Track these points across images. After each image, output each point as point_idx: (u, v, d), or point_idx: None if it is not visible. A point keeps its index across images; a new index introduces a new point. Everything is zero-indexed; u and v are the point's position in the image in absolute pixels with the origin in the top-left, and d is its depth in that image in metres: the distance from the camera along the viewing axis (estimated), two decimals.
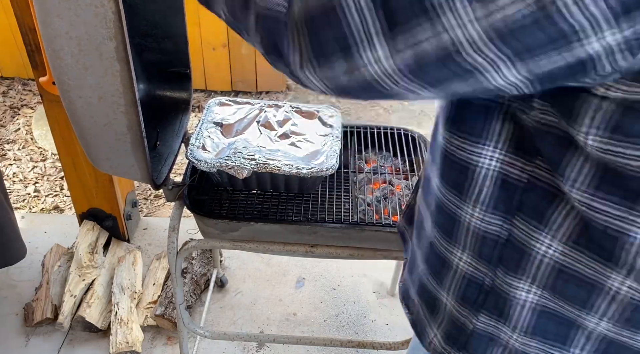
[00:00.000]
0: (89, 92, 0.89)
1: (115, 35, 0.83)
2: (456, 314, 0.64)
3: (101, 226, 1.85)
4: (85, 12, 0.81)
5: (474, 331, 0.63)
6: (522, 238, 0.54)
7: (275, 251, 1.16)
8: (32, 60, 1.46)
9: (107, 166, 1.02)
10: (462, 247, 0.59)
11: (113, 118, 0.93)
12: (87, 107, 0.91)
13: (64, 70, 0.87)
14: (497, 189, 0.53)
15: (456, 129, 0.55)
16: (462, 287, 0.62)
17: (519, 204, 0.53)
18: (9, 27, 2.77)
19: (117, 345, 1.53)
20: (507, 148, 0.52)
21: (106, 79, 0.88)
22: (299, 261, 1.92)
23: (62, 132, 1.61)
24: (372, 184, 1.25)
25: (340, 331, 1.70)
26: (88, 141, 0.98)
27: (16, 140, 2.60)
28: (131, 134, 0.96)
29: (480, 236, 0.57)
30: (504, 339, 0.62)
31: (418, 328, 0.73)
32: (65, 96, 0.90)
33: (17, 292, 1.75)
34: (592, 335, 0.56)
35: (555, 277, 0.54)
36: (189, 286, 1.69)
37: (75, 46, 0.84)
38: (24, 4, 1.33)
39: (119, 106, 0.91)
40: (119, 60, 0.86)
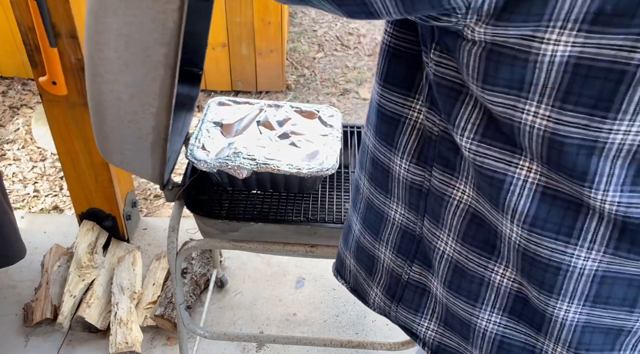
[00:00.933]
0: (123, 88, 0.88)
1: (169, 42, 0.82)
2: (393, 266, 0.68)
3: (101, 226, 1.85)
4: (144, 15, 0.80)
5: (408, 282, 0.67)
6: (439, 187, 0.58)
7: (275, 251, 1.16)
8: (31, 60, 1.45)
9: (118, 160, 1.00)
10: (396, 199, 0.63)
11: (141, 117, 0.92)
12: (116, 101, 0.90)
13: (103, 63, 0.86)
14: (419, 140, 0.58)
15: (388, 83, 0.59)
16: (397, 239, 0.65)
17: (434, 156, 0.57)
18: (9, 27, 2.76)
19: (116, 345, 1.52)
20: (426, 102, 0.56)
21: (145, 81, 0.87)
22: (299, 261, 1.92)
23: (62, 132, 1.61)
24: None
25: (340, 331, 1.70)
26: (106, 133, 0.96)
27: (15, 140, 2.60)
28: (154, 135, 0.95)
29: (408, 186, 0.61)
30: (432, 291, 0.65)
31: (360, 292, 0.76)
32: (96, 87, 0.89)
33: (17, 292, 1.75)
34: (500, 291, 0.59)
35: (467, 224, 0.57)
36: (188, 286, 1.68)
37: (122, 44, 0.83)
38: (23, 4, 1.33)
39: (151, 107, 0.90)
40: (165, 66, 0.85)
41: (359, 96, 3.09)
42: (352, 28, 3.76)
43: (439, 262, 0.62)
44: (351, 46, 3.56)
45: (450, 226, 0.59)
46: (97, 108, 0.93)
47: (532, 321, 0.58)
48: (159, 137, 0.95)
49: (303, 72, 3.27)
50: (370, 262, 0.71)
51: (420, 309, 0.68)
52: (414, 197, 0.61)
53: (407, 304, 0.69)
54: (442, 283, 0.62)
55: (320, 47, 3.53)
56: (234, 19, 2.69)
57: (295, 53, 3.43)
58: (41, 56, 1.42)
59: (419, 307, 0.68)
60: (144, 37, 0.82)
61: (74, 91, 1.51)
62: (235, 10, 2.66)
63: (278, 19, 2.69)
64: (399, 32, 0.57)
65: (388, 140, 0.61)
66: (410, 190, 0.61)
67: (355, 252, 0.74)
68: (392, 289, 0.70)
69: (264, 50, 2.82)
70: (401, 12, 0.45)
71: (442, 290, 0.63)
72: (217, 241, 1.16)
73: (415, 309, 0.68)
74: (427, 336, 0.69)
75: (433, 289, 0.65)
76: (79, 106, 1.55)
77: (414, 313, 0.69)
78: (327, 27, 3.76)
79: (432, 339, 0.68)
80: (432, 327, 0.68)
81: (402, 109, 0.58)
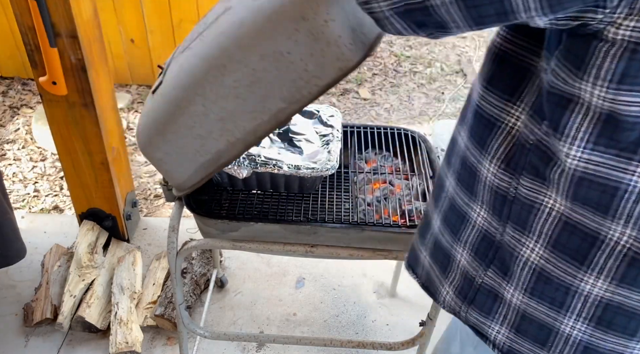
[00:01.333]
0: (217, 109, 0.87)
1: (291, 104, 0.84)
2: (468, 268, 0.68)
3: (101, 226, 1.85)
4: (288, 72, 0.81)
5: (481, 285, 0.67)
6: (528, 196, 0.58)
7: (275, 251, 1.16)
8: (31, 60, 1.45)
9: (157, 156, 0.97)
10: (480, 203, 0.63)
11: (213, 138, 0.91)
12: (200, 115, 0.88)
13: (213, 82, 0.85)
14: (512, 147, 0.58)
15: (492, 86, 0.59)
16: (476, 242, 0.65)
17: (524, 164, 0.57)
18: (9, 27, 2.77)
19: (116, 345, 1.52)
20: (529, 109, 0.56)
21: (244, 116, 0.87)
22: (299, 261, 1.92)
23: (62, 132, 1.61)
24: (372, 184, 1.25)
25: (340, 331, 1.70)
26: (165, 131, 0.93)
27: (16, 140, 2.60)
28: (214, 157, 0.94)
29: (494, 191, 0.61)
30: (505, 297, 0.65)
31: (430, 288, 0.77)
32: (188, 94, 0.87)
33: (17, 292, 1.75)
34: (588, 300, 0.58)
35: (559, 232, 0.57)
36: (188, 286, 1.68)
37: (247, 80, 0.83)
38: (23, 4, 1.33)
39: (231, 136, 0.89)
40: (273, 117, 0.85)
41: (359, 96, 3.09)
42: None
43: (521, 268, 0.62)
44: None
45: (540, 234, 0.59)
46: (174, 109, 0.90)
47: (626, 328, 0.58)
48: (217, 162, 0.94)
49: None
50: (446, 261, 0.71)
51: (491, 314, 0.68)
52: (499, 202, 0.61)
53: (478, 306, 0.69)
54: (523, 289, 0.62)
55: None
56: None
57: None
58: (41, 56, 1.42)
59: (490, 311, 0.68)
60: (273, 87, 0.83)
61: (74, 91, 1.51)
62: None
63: None
64: (513, 36, 0.57)
65: (480, 142, 0.61)
66: (496, 195, 0.61)
67: (431, 249, 0.74)
68: (465, 291, 0.70)
69: None
70: (544, 12, 0.45)
71: (521, 296, 0.63)
72: (217, 241, 1.16)
73: (487, 312, 0.69)
74: (497, 339, 0.69)
75: (507, 295, 0.65)
76: (79, 106, 1.55)
77: (486, 316, 0.69)
78: None
79: (503, 343, 0.69)
80: (504, 332, 0.68)
81: (500, 114, 0.59)
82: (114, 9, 2.70)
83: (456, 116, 2.97)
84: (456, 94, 3.16)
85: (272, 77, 0.82)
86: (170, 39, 2.79)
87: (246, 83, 0.83)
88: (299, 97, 0.83)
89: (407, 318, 1.73)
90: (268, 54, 0.80)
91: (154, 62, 2.89)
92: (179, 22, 2.72)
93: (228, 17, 0.87)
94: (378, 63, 3.40)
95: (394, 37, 3.68)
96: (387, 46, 3.57)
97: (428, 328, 1.26)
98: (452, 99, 3.11)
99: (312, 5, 0.77)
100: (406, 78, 3.28)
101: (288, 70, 0.81)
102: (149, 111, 0.96)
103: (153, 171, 2.46)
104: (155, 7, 2.68)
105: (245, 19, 0.82)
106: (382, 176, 1.27)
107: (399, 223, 1.14)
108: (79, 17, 1.40)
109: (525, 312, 0.64)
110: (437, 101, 3.10)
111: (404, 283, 1.84)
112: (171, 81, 0.91)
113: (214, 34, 0.87)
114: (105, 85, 1.60)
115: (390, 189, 1.24)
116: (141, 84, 3.01)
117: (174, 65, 0.94)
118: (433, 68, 3.38)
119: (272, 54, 0.80)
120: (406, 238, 1.10)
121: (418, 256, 0.79)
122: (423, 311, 1.29)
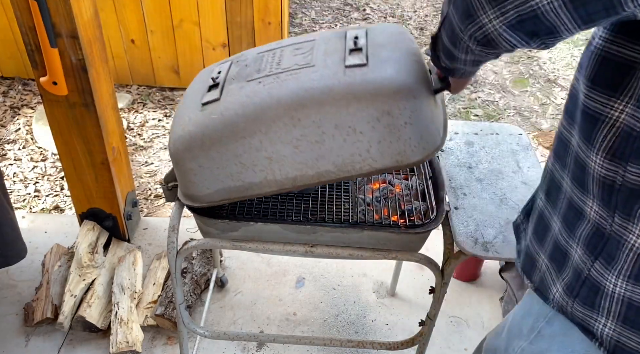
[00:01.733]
0: (271, 150, 0.93)
1: (342, 171, 0.94)
2: (578, 262, 0.71)
3: (101, 226, 1.85)
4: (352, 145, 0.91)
5: (586, 279, 0.70)
6: (634, 182, 0.61)
7: (275, 251, 1.16)
8: (32, 60, 1.46)
9: (189, 166, 0.99)
10: (591, 196, 0.67)
11: (253, 170, 0.95)
12: (253, 149, 0.93)
13: (281, 128, 0.90)
14: (617, 137, 0.61)
15: (596, 85, 0.63)
16: (589, 235, 0.69)
17: (631, 151, 0.61)
18: (9, 27, 2.77)
19: (117, 345, 1.53)
20: (635, 102, 0.59)
21: (293, 164, 0.94)
22: (299, 261, 1.92)
23: (62, 132, 1.62)
24: (371, 184, 1.25)
25: (340, 331, 1.70)
26: (209, 149, 0.95)
27: (16, 140, 2.60)
28: (244, 186, 0.98)
29: (601, 182, 0.64)
30: (608, 289, 0.68)
31: (542, 290, 0.80)
32: (250, 127, 0.92)
33: (17, 292, 1.76)
34: None
35: None
36: (189, 286, 1.69)
37: (313, 137, 0.91)
38: (24, 4, 1.34)
39: (271, 175, 0.96)
40: (318, 176, 0.95)
41: None
42: None
43: (626, 255, 0.65)
44: None
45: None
46: (231, 135, 0.93)
47: None
48: (243, 192, 0.98)
49: None
50: (563, 259, 0.74)
51: (595, 306, 0.71)
52: (606, 192, 0.64)
53: (582, 300, 0.72)
54: (627, 276, 0.65)
55: None
56: (234, 19, 2.70)
57: None
58: (42, 56, 1.42)
59: (593, 304, 0.71)
60: (332, 152, 0.92)
61: (74, 91, 1.51)
62: (235, 10, 2.66)
63: (278, 19, 2.69)
64: (615, 38, 0.61)
65: (588, 137, 0.65)
66: (603, 186, 0.64)
67: (551, 251, 0.77)
68: (572, 285, 0.73)
69: None
70: None
71: (625, 284, 0.66)
72: (217, 241, 1.16)
73: (590, 305, 0.71)
74: (604, 334, 0.71)
75: (610, 287, 0.68)
76: (80, 106, 1.55)
77: (590, 309, 0.71)
78: (327, 27, 3.76)
79: (610, 337, 0.71)
80: (610, 325, 0.70)
81: (604, 108, 0.62)
82: (114, 9, 2.70)
83: (456, 116, 2.97)
84: (455, 94, 3.16)
85: (335, 145, 0.91)
86: (171, 39, 2.79)
87: (311, 140, 0.91)
88: (350, 169, 0.93)
89: (407, 318, 1.73)
90: (343, 127, 0.90)
91: (154, 62, 2.90)
92: (179, 22, 2.73)
93: (311, 75, 0.93)
94: None
95: None
96: None
97: (427, 328, 1.27)
98: (451, 99, 3.11)
99: (400, 105, 0.87)
100: None
101: (353, 145, 0.91)
102: (197, 122, 0.97)
103: (153, 171, 2.47)
104: (156, 7, 2.68)
105: (334, 88, 0.89)
106: (381, 176, 1.27)
107: (398, 223, 1.14)
108: (80, 17, 1.40)
109: (630, 300, 0.66)
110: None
111: (404, 282, 1.84)
112: (234, 107, 0.94)
113: (294, 84, 0.92)
114: (105, 85, 1.61)
115: (390, 189, 1.24)
116: (141, 84, 3.01)
117: (237, 90, 0.97)
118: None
119: (347, 128, 0.89)
120: (406, 238, 1.10)
121: (535, 262, 0.82)
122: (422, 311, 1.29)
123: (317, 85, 0.90)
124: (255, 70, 0.99)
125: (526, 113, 3.05)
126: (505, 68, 3.45)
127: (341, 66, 0.92)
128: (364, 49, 0.95)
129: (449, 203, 1.14)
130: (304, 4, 4.04)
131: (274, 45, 1.06)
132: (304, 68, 0.94)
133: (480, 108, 3.06)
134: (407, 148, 0.91)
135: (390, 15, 3.96)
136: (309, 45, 1.01)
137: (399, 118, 0.88)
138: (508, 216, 1.11)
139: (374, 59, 0.92)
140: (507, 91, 3.24)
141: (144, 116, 2.81)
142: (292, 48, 1.02)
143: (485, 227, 1.08)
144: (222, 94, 0.97)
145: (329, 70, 0.92)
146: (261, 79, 0.96)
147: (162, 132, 2.72)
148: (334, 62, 0.93)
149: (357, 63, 0.91)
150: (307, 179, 0.95)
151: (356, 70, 0.90)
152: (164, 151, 2.58)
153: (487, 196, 1.16)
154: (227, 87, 0.99)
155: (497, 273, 1.87)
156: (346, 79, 0.89)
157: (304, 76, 0.93)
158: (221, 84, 1.00)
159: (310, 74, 0.93)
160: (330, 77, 0.91)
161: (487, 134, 1.36)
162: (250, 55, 1.06)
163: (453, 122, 1.39)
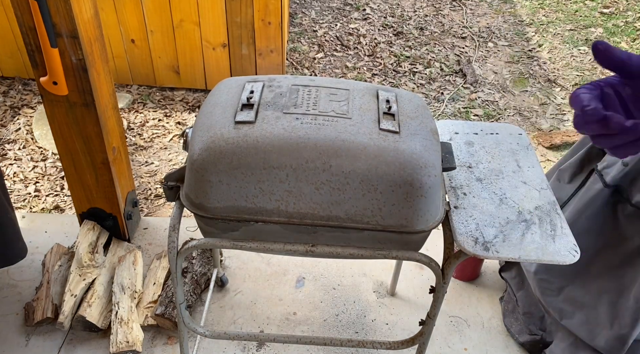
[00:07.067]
0: (293, 184, 0.98)
1: (352, 220, 1.03)
2: None
3: (101, 225, 1.85)
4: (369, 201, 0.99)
5: None
6: None
7: (276, 251, 1.16)
8: (32, 60, 1.46)
9: (210, 178, 1.01)
10: None
11: (269, 197, 1.01)
12: (277, 179, 0.98)
13: (311, 169, 0.97)
14: None
15: None
16: None
17: None
18: (10, 27, 2.77)
19: (117, 345, 1.53)
20: None
21: (309, 202, 1.00)
22: (299, 261, 1.92)
23: (63, 132, 1.62)
24: None
25: (340, 330, 1.70)
26: (236, 169, 0.99)
27: (17, 140, 2.60)
28: (254, 209, 1.05)
29: None
30: None
31: None
32: (281, 160, 0.97)
33: (18, 291, 1.76)
34: None
35: None
36: (189, 286, 1.69)
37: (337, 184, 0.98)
38: (24, 4, 1.34)
39: (284, 206, 1.01)
40: (327, 218, 1.02)
41: None
42: (351, 28, 3.77)
43: None
44: (351, 46, 3.56)
45: None
46: (261, 163, 0.98)
47: None
48: (251, 213, 1.05)
49: (303, 73, 3.27)
50: None
51: None
52: None
53: None
54: None
55: (320, 48, 3.53)
56: (234, 19, 2.70)
57: (295, 53, 3.43)
58: (42, 56, 1.43)
59: None
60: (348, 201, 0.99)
61: (74, 91, 1.52)
62: (235, 10, 2.67)
63: (278, 19, 2.69)
64: None
65: None
66: None
67: None
68: None
69: (264, 50, 2.82)
70: None
71: None
72: (218, 241, 1.16)
73: None
74: None
75: None
76: (80, 106, 1.55)
77: None
78: (327, 27, 3.76)
79: None
80: None
81: None
82: (114, 9, 2.70)
83: (456, 116, 2.98)
84: (456, 94, 3.17)
85: (354, 196, 0.99)
86: (171, 39, 2.79)
87: (334, 186, 0.98)
88: (359, 219, 1.02)
89: (407, 317, 1.73)
90: (367, 183, 0.98)
91: (155, 62, 2.90)
92: (179, 22, 2.73)
93: (349, 127, 1.01)
94: (378, 63, 3.40)
95: (393, 37, 3.69)
96: (387, 46, 3.58)
97: (427, 327, 1.27)
98: (451, 99, 3.12)
99: (422, 180, 0.98)
100: (406, 78, 3.29)
101: (369, 201, 0.99)
102: (230, 140, 0.99)
103: (153, 170, 2.47)
104: (156, 7, 2.68)
105: (368, 147, 0.98)
106: None
107: None
108: (80, 17, 1.40)
109: None
110: (437, 101, 3.11)
111: (404, 282, 1.84)
112: (270, 137, 0.98)
113: (332, 132, 0.99)
114: (105, 85, 1.61)
115: None
116: (141, 84, 3.01)
117: (274, 119, 1.01)
118: (432, 68, 3.39)
119: (370, 184, 0.98)
120: (406, 238, 1.11)
121: None
122: (422, 310, 1.30)
123: (354, 139, 0.98)
124: (291, 103, 1.04)
125: (526, 113, 3.05)
126: (505, 68, 3.45)
127: (376, 127, 1.01)
128: (396, 116, 1.05)
129: (449, 203, 1.14)
130: (304, 4, 4.04)
131: (306, 80, 1.12)
132: (341, 117, 1.02)
133: (480, 108, 3.06)
134: (415, 217, 1.01)
135: (390, 15, 3.96)
136: (344, 94, 1.09)
137: (417, 190, 0.98)
138: (508, 216, 1.11)
139: (405, 130, 1.02)
140: (507, 91, 3.24)
141: (144, 115, 2.82)
142: (328, 92, 1.09)
143: (485, 227, 1.08)
144: (257, 118, 1.01)
145: (365, 128, 1.01)
146: (299, 115, 1.01)
147: (162, 132, 2.72)
148: (369, 120, 1.02)
149: (390, 129, 1.01)
150: (315, 218, 1.02)
151: (389, 136, 1.00)
152: (164, 150, 2.59)
153: (487, 196, 1.17)
154: (262, 112, 1.02)
155: (497, 273, 1.87)
156: (380, 142, 0.99)
157: (342, 127, 1.00)
158: (255, 107, 1.03)
159: (348, 126, 1.00)
160: (367, 135, 0.99)
161: (487, 133, 1.37)
162: (284, 83, 1.10)
163: (453, 122, 1.39)
